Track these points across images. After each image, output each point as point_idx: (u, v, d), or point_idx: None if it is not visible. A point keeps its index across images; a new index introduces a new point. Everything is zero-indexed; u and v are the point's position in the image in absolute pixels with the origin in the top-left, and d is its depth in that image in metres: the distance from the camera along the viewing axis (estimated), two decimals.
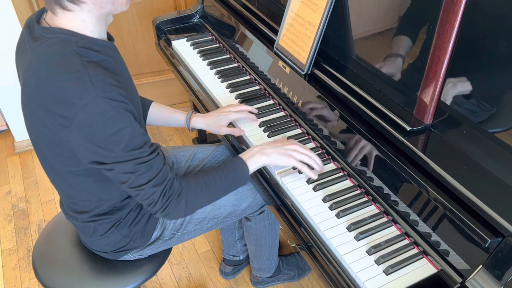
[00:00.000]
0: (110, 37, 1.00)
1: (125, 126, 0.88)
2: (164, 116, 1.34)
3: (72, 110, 0.85)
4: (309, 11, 1.27)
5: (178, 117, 1.33)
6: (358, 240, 1.00)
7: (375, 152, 1.07)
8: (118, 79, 0.90)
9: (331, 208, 1.07)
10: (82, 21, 0.90)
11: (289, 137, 1.28)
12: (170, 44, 1.83)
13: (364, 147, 1.09)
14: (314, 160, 1.13)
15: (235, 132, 1.30)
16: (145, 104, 1.32)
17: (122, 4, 0.93)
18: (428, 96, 1.00)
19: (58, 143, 0.93)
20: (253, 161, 1.11)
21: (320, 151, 1.24)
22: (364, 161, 1.09)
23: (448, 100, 1.00)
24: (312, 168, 1.14)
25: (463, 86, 0.97)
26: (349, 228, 1.02)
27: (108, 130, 0.86)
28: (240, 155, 1.12)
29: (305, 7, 1.29)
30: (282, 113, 1.40)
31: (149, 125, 1.33)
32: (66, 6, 0.87)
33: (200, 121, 1.31)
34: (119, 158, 0.90)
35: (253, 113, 1.35)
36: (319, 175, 1.15)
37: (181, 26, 1.93)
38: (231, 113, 1.30)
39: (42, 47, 0.88)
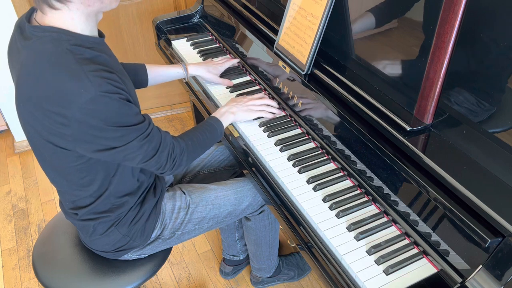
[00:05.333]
0: (100, 34, 1.01)
1: (125, 113, 0.92)
2: (162, 74, 1.48)
3: (71, 108, 0.85)
4: (312, 3, 1.26)
5: (176, 71, 1.49)
6: (358, 240, 1.00)
7: (375, 152, 1.07)
8: (114, 73, 0.91)
9: (331, 208, 1.07)
10: (72, 19, 0.90)
11: (289, 137, 1.29)
12: (170, 44, 1.83)
13: (364, 147, 1.10)
14: (270, 108, 1.35)
15: (225, 82, 1.52)
16: (143, 70, 1.42)
17: (111, 1, 0.93)
18: (428, 96, 1.00)
19: (55, 140, 0.94)
20: (224, 119, 1.27)
21: (320, 151, 1.24)
22: (364, 161, 1.09)
23: (448, 100, 1.00)
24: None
25: (463, 85, 0.97)
26: (349, 228, 1.02)
27: (110, 121, 0.90)
28: (213, 114, 1.29)
29: None
30: (282, 113, 1.39)
31: (151, 85, 1.48)
32: (53, 5, 0.87)
33: (197, 69, 1.50)
34: (123, 141, 0.94)
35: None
36: (319, 174, 1.16)
37: (181, 26, 1.93)
38: (219, 65, 1.54)
39: (35, 46, 0.89)
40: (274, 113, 1.36)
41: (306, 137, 1.29)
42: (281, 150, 1.24)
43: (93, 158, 0.99)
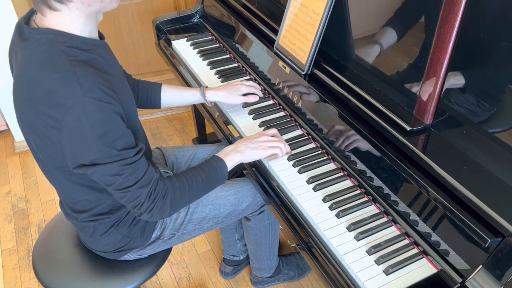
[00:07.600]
0: (101, 36, 1.00)
1: (111, 127, 0.88)
2: (178, 95, 1.40)
3: (60, 111, 0.84)
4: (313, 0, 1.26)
5: (192, 94, 1.40)
6: (358, 240, 1.00)
7: (375, 152, 1.07)
8: (108, 79, 0.89)
9: (331, 208, 1.07)
10: (71, 20, 0.89)
11: (289, 138, 1.29)
12: (170, 44, 1.83)
13: (364, 147, 1.10)
14: (280, 148, 1.20)
15: (249, 99, 1.40)
16: (156, 89, 1.37)
17: (111, 1, 0.92)
18: (428, 96, 1.00)
19: (49, 144, 0.92)
20: (229, 159, 1.15)
21: (320, 151, 1.24)
22: (364, 161, 1.09)
23: (448, 100, 1.00)
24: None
25: (463, 86, 0.97)
26: (349, 228, 1.02)
27: (94, 132, 0.86)
28: (218, 153, 1.17)
29: None
30: (282, 113, 1.40)
31: (165, 107, 1.42)
32: (53, 6, 0.86)
33: (216, 94, 1.39)
34: (105, 159, 0.90)
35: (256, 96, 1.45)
36: (319, 174, 1.16)
37: (181, 26, 1.93)
38: (242, 87, 1.41)
39: (31, 48, 0.88)
40: (287, 152, 1.23)
41: (306, 137, 1.29)
42: None
43: None
